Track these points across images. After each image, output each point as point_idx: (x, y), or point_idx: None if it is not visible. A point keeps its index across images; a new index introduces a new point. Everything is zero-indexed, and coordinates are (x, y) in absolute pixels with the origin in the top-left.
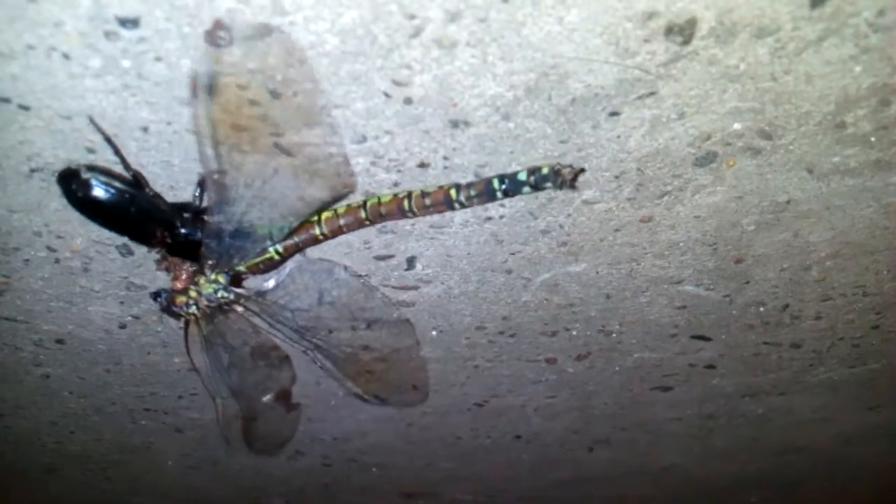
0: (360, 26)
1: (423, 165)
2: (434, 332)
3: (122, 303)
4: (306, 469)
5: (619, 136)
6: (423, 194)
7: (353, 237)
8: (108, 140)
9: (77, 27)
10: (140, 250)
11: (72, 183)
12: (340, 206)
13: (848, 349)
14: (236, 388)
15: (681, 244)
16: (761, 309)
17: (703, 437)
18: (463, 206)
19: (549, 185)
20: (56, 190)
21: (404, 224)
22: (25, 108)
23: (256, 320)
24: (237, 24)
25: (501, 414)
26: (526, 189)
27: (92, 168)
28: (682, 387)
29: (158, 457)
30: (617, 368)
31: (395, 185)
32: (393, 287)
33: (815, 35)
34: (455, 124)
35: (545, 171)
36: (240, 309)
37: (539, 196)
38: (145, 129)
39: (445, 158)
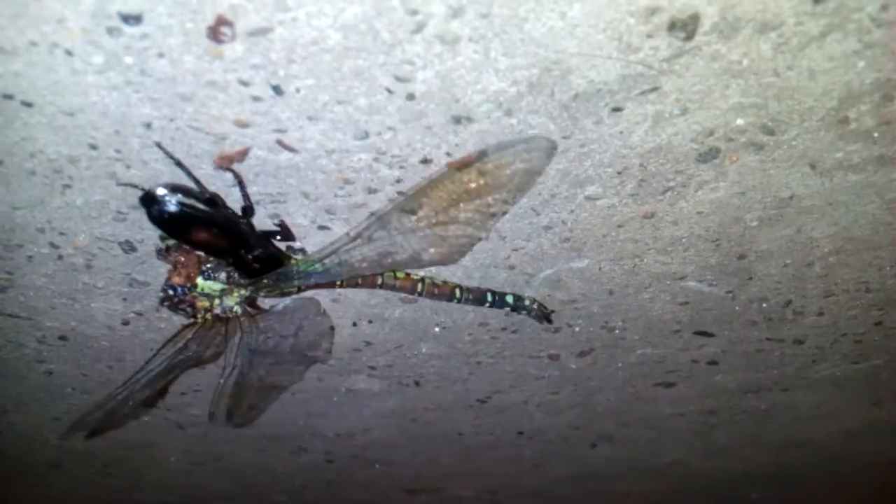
0: (362, 22)
1: (425, 161)
2: (437, 329)
3: (124, 299)
4: (309, 465)
5: (621, 132)
6: (434, 285)
7: None
8: (180, 164)
9: (80, 23)
10: (143, 247)
11: (154, 204)
12: None
13: (850, 345)
14: (146, 383)
15: (683, 240)
16: (764, 305)
17: (706, 433)
18: (459, 302)
19: (524, 312)
20: (58, 187)
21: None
22: (28, 104)
23: (237, 333)
24: (240, 20)
25: (504, 410)
26: (507, 308)
27: (174, 189)
28: (684, 383)
29: (161, 453)
30: (619, 365)
31: (398, 181)
32: None
33: (818, 30)
34: (458, 120)
35: (527, 302)
36: (236, 323)
37: (542, 192)
38: (148, 126)
39: (448, 154)
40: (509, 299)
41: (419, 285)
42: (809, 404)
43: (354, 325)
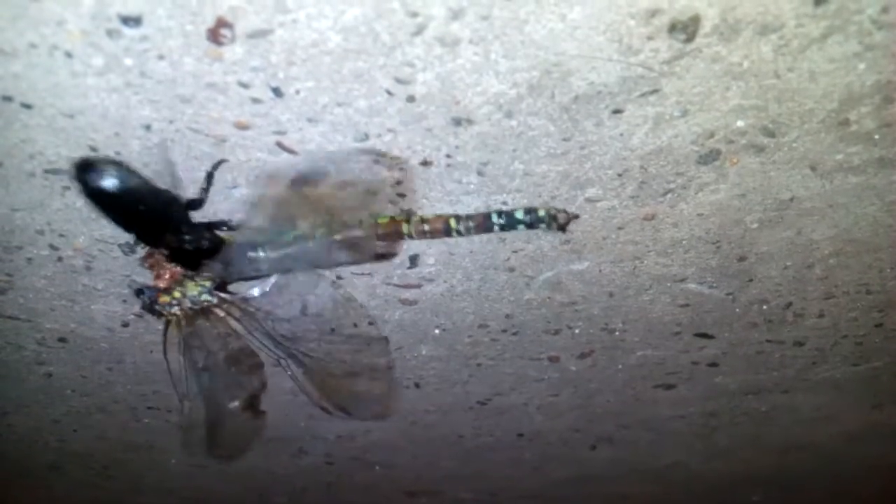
0: (362, 24)
1: (425, 163)
2: (437, 331)
3: (124, 301)
4: (309, 468)
5: (622, 134)
6: (423, 221)
7: None
8: (168, 161)
9: (79, 25)
10: (142, 250)
11: (88, 173)
12: None
13: (851, 347)
14: (206, 391)
15: (684, 242)
16: (764, 307)
17: (706, 435)
18: (460, 235)
19: (542, 225)
20: (58, 188)
21: None
22: (28, 106)
23: (236, 325)
24: (239, 22)
25: (504, 412)
26: (521, 227)
27: (111, 161)
28: (684, 385)
29: (161, 455)
30: (620, 366)
31: (398, 183)
32: (395, 285)
33: (818, 32)
34: (458, 122)
35: (541, 213)
36: (221, 313)
37: (542, 193)
38: (147, 128)
39: (448, 156)
40: (519, 215)
41: (404, 227)
42: (810, 406)
43: (354, 325)
